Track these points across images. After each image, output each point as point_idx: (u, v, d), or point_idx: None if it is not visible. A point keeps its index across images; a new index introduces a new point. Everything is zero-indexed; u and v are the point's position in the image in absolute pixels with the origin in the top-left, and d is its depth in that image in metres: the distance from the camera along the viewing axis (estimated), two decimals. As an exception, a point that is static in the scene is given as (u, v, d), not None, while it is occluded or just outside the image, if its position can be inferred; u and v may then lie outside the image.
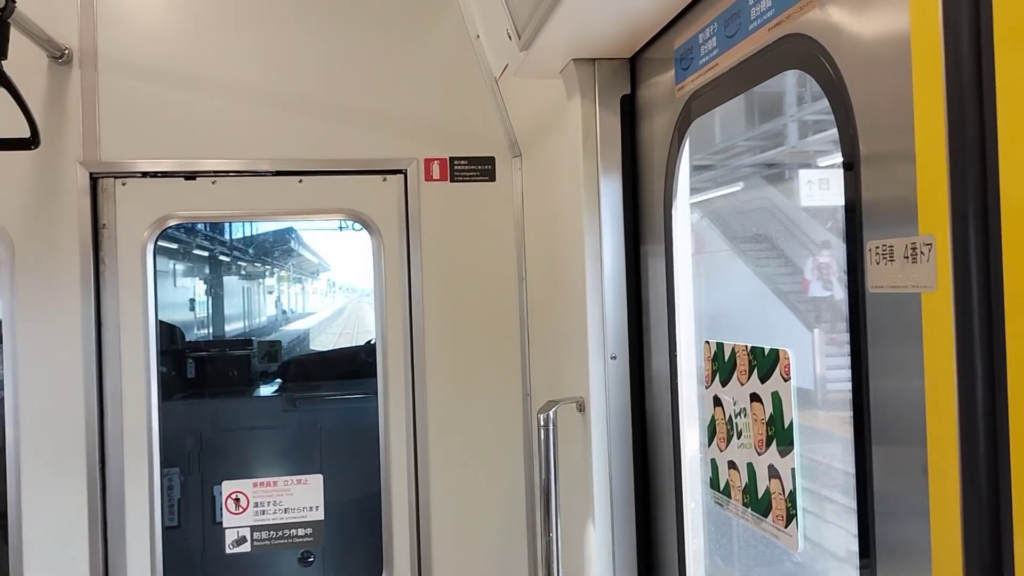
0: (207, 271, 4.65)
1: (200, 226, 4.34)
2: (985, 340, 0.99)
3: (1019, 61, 0.94)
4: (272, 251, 5.45)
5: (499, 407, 3.27)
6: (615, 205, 2.21)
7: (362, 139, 3.21)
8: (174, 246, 4.21)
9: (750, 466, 1.61)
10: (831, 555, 2.11)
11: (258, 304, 5.63)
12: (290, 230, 5.09)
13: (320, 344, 5.89)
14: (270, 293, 5.76)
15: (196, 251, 4.58)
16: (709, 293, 2.28)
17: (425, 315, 3.23)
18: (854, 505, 1.24)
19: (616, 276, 2.21)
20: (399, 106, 3.23)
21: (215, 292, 4.72)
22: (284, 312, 5.92)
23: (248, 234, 5.05)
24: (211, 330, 4.65)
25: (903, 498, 1.15)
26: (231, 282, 5.06)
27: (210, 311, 4.70)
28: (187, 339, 3.95)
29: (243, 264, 5.23)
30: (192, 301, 4.50)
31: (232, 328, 5.06)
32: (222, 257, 4.93)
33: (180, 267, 4.35)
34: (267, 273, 5.53)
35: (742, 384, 1.63)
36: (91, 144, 3.04)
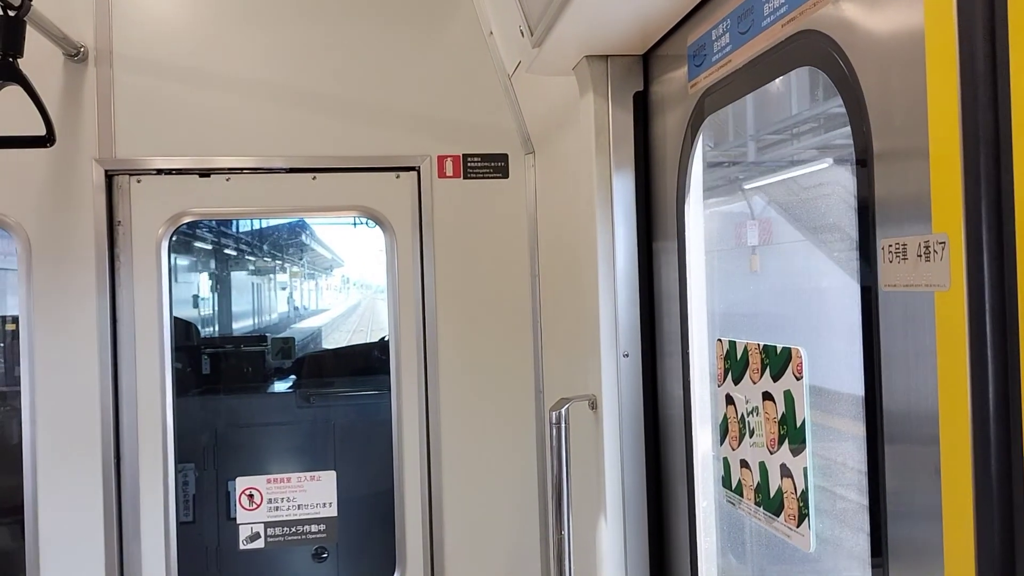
0: (219, 267, 4.66)
1: (212, 222, 4.35)
2: (998, 339, 0.98)
3: (1034, 57, 0.92)
4: (285, 247, 5.46)
5: (512, 404, 3.27)
6: (628, 202, 2.20)
7: (376, 136, 3.22)
8: (186, 242, 4.23)
9: (762, 465, 1.60)
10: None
11: (271, 301, 5.64)
12: (304, 226, 5.10)
13: (333, 341, 5.90)
14: (283, 289, 5.77)
15: (208, 247, 4.59)
16: (795, 291, 2.21)
17: (438, 312, 3.24)
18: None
19: (628, 273, 2.21)
20: (412, 103, 3.23)
21: (226, 288, 4.74)
22: (296, 308, 5.94)
23: (260, 230, 5.06)
24: (217, 328, 4.67)
25: (916, 497, 1.14)
26: (243, 278, 5.08)
27: (217, 307, 4.71)
28: (201, 335, 3.96)
29: (255, 260, 5.24)
30: (199, 297, 4.52)
31: (243, 325, 5.08)
32: (233, 252, 4.95)
33: (192, 263, 4.37)
34: (279, 269, 5.55)
35: (754, 383, 1.62)
36: (106, 141, 3.06)
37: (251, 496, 3.20)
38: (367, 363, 3.92)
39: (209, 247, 4.61)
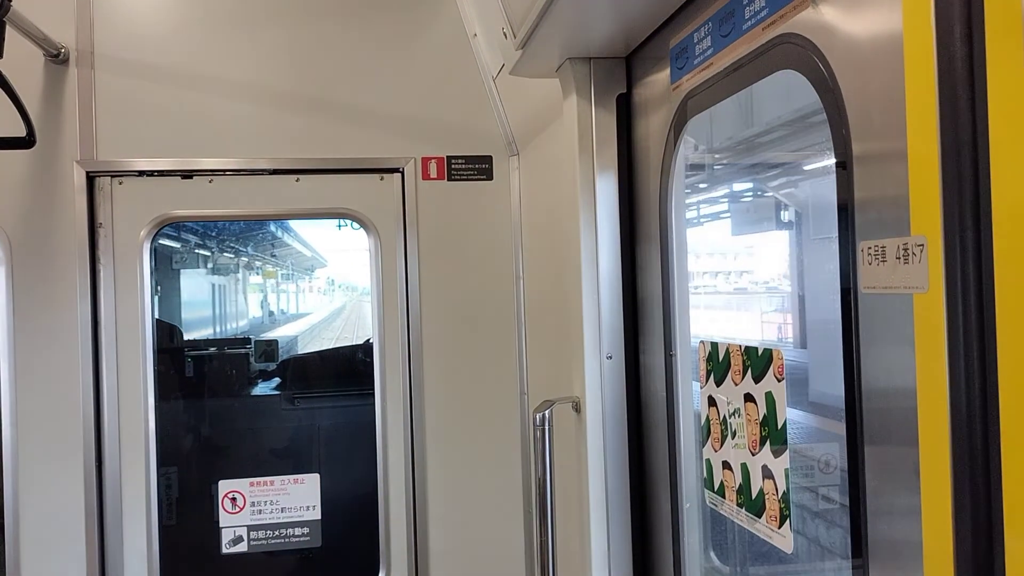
0: (194, 267, 4.61)
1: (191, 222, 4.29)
2: (976, 341, 0.98)
3: (1011, 60, 0.93)
4: (265, 247, 5.40)
5: (496, 406, 3.27)
6: (611, 204, 2.21)
7: (360, 138, 3.21)
8: (165, 243, 4.18)
9: (744, 466, 1.61)
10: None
11: (238, 305, 5.58)
12: (284, 225, 5.04)
13: (316, 344, 5.86)
14: (259, 292, 5.70)
15: (184, 247, 4.54)
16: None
17: (423, 314, 3.23)
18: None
19: (612, 275, 2.21)
20: (396, 105, 3.23)
21: (199, 290, 4.69)
22: (271, 313, 5.87)
23: (239, 229, 5.00)
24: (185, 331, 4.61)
25: (895, 498, 1.14)
26: (218, 280, 5.02)
27: (196, 310, 4.66)
28: (184, 338, 3.94)
29: (230, 260, 5.18)
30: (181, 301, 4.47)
31: (219, 330, 5.02)
32: (206, 252, 4.88)
33: (170, 263, 4.32)
34: (256, 269, 5.48)
35: (736, 384, 1.63)
36: (88, 143, 3.04)
37: (234, 499, 3.19)
38: (351, 365, 3.91)
39: (184, 246, 4.55)
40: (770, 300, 2.63)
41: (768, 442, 1.51)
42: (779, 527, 1.49)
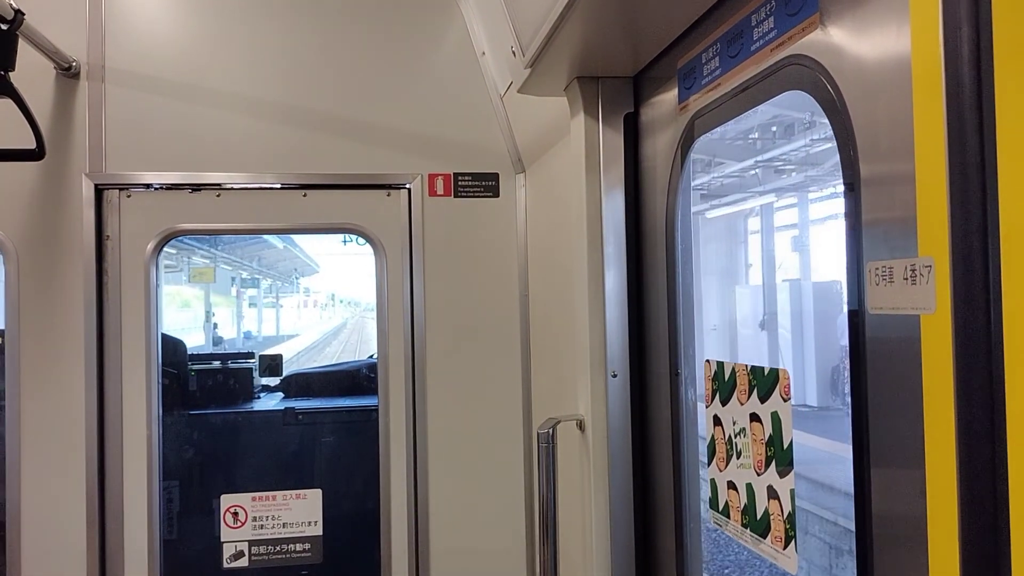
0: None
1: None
2: (984, 362, 0.98)
3: (1019, 83, 0.94)
4: (268, 262, 5.41)
5: (500, 423, 3.26)
6: (617, 222, 2.21)
7: (367, 154, 3.22)
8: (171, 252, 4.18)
9: (749, 487, 1.60)
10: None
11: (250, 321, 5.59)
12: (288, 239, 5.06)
13: (322, 359, 5.88)
14: (252, 306, 5.71)
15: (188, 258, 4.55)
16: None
17: (427, 330, 3.23)
18: None
19: (618, 293, 2.21)
20: (404, 121, 3.24)
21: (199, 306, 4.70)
22: (263, 335, 5.86)
23: (235, 239, 5.00)
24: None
25: (902, 520, 1.14)
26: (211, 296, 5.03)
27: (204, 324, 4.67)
28: (188, 351, 3.94)
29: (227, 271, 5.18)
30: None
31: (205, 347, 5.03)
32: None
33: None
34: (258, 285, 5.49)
35: (742, 404, 1.63)
36: (96, 156, 3.06)
37: (235, 514, 3.18)
38: (355, 381, 3.90)
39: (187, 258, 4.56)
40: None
41: (774, 462, 1.51)
42: (784, 548, 1.49)
